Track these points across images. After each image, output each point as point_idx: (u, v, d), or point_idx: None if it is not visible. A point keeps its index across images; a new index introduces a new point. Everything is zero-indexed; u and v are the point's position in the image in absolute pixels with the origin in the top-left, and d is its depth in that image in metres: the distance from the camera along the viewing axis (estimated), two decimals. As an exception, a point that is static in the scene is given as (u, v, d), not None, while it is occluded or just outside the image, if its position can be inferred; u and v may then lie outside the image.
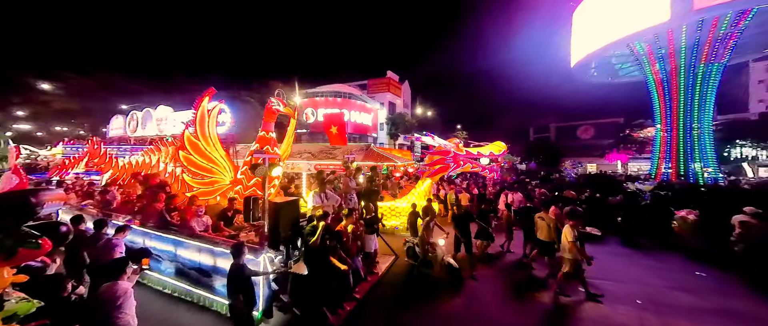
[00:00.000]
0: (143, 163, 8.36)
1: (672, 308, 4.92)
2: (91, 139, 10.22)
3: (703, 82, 23.69)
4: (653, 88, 26.14)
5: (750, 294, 5.40)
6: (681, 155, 24.50)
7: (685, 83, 24.29)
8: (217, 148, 5.94)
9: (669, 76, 24.86)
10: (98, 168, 9.95)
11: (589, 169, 39.33)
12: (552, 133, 50.95)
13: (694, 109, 24.08)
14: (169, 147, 8.44)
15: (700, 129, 24.48)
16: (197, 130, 5.64)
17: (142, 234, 6.04)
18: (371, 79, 41.72)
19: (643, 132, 40.38)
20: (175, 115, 26.27)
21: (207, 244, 5.11)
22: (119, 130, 30.43)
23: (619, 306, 4.96)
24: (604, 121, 44.40)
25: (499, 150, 8.46)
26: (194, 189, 5.98)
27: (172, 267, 5.63)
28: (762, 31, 24.31)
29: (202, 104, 5.57)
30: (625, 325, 4.50)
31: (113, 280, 3.15)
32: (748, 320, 4.65)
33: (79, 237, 4.80)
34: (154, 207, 5.82)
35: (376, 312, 4.84)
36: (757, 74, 35.84)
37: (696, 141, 24.54)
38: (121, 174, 8.61)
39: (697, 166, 24.25)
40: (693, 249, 7.35)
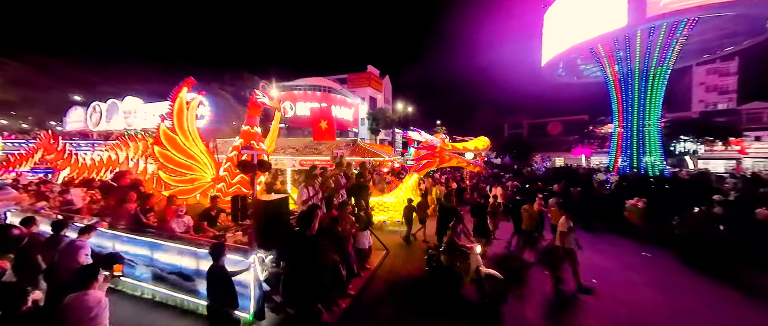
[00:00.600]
0: (109, 160, 7.59)
1: (619, 283, 5.78)
2: (44, 133, 9.09)
3: (654, 83, 26.06)
4: (612, 88, 28.25)
5: (681, 269, 6.48)
6: (635, 149, 26.94)
7: (639, 84, 26.53)
8: (197, 143, 5.50)
9: (625, 77, 27.03)
10: (53, 165, 8.90)
11: (558, 163, 41.77)
12: (525, 129, 53.33)
13: (646, 108, 26.45)
14: (138, 142, 7.74)
15: (650, 126, 26.97)
16: (174, 124, 5.18)
17: (112, 238, 5.51)
18: (351, 74, 40.93)
19: (603, 128, 43.47)
20: (146, 107, 24.18)
21: (189, 246, 4.75)
22: (78, 123, 27.43)
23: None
24: (571, 118, 47.19)
25: (483, 145, 8.67)
26: (172, 188, 5.52)
27: (148, 273, 5.19)
28: (703, 39, 27.33)
29: (179, 95, 5.10)
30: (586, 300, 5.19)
31: (82, 289, 2.82)
32: (677, 289, 5.62)
33: (31, 241, 4.40)
34: (125, 208, 5.31)
35: (371, 308, 4.79)
36: (698, 77, 39.86)
37: (647, 137, 27.08)
38: (83, 171, 7.75)
39: (648, 160, 26.78)
40: (641, 231, 8.40)
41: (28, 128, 32.70)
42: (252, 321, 4.27)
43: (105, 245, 5.62)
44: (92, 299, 2.78)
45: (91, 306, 2.73)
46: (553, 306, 4.98)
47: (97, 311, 2.74)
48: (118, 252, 5.42)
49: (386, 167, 10.43)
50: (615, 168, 27.40)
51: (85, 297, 2.77)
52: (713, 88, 39.59)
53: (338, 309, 4.47)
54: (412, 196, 8.86)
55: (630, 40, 24.49)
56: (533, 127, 53.35)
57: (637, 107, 26.32)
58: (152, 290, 5.14)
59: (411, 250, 7.13)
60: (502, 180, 15.74)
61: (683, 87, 40.66)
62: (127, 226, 5.36)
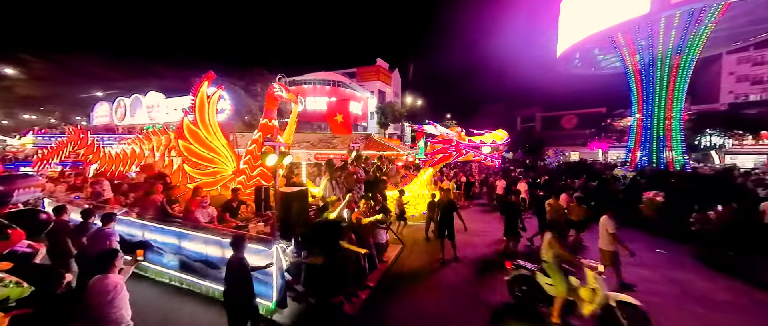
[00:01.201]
0: (133, 153, 7.86)
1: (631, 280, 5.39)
2: (74, 128, 9.50)
3: (677, 73, 24.63)
4: (631, 79, 26.95)
5: (698, 267, 6.14)
6: (654, 143, 25.74)
7: (661, 74, 25.17)
8: (219, 137, 5.61)
9: (646, 67, 25.71)
10: (83, 158, 9.31)
11: (573, 158, 40.59)
12: (538, 123, 52.02)
13: (668, 100, 25.10)
14: (161, 136, 7.97)
15: (671, 119, 25.66)
16: (197, 118, 5.28)
17: (141, 227, 5.73)
18: (360, 67, 40.63)
19: (622, 121, 41.79)
20: (167, 101, 24.88)
21: (214, 236, 4.89)
22: (104, 118, 28.56)
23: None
24: (587, 111, 45.64)
25: (501, 138, 8.47)
26: (196, 180, 5.67)
27: (176, 260, 5.38)
28: (734, 25, 25.52)
29: (201, 90, 5.19)
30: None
31: (103, 273, 2.98)
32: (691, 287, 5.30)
33: (61, 228, 4.60)
34: (152, 199, 5.50)
35: (389, 299, 4.82)
36: (728, 66, 37.52)
37: (668, 130, 25.81)
38: (110, 164, 8.07)
39: (669, 154, 25.61)
40: (657, 227, 8.14)
41: (55, 123, 34.28)
42: (274, 310, 4.37)
43: (135, 234, 5.87)
44: (111, 283, 2.92)
45: (109, 290, 2.87)
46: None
47: (113, 295, 2.88)
48: (146, 240, 5.67)
49: (401, 161, 10.38)
50: (632, 163, 26.40)
51: (106, 280, 2.92)
52: (745, 78, 37.20)
53: (358, 300, 4.52)
54: (428, 191, 8.81)
55: (652, 27, 23.22)
56: (547, 120, 51.92)
57: (660, 98, 25.11)
58: (179, 277, 5.34)
59: (427, 245, 7.11)
60: (512, 175, 15.44)
61: (711, 77, 38.42)
62: (155, 216, 5.56)
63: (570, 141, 45.63)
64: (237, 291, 3.54)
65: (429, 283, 5.39)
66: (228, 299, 3.54)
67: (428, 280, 5.49)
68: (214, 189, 5.98)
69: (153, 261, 5.64)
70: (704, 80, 38.44)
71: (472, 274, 5.72)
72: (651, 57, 24.81)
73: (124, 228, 6.02)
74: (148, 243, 5.59)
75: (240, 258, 3.57)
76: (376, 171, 6.64)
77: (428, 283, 5.39)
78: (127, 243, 5.98)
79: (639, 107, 27.08)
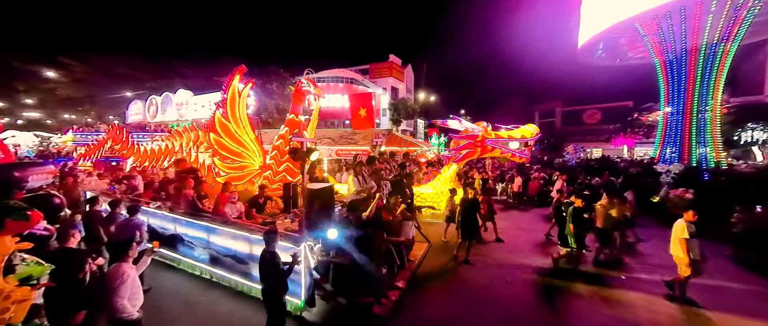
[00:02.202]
0: (167, 149, 8.00)
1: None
2: (112, 125, 9.85)
3: (715, 62, 22.44)
4: (659, 70, 24.83)
5: (733, 269, 5.74)
6: (686, 138, 23.74)
7: (695, 64, 23.03)
8: (247, 132, 5.52)
9: (679, 57, 23.59)
10: (120, 154, 9.65)
11: (596, 154, 38.46)
12: (557, 118, 49.61)
13: (704, 91, 22.96)
14: (190, 132, 8.05)
15: (707, 112, 23.49)
16: (228, 111, 5.19)
17: (173, 221, 5.77)
18: (373, 64, 39.96)
19: (651, 116, 39.04)
20: (196, 98, 25.62)
21: (242, 231, 4.80)
22: (138, 116, 29.84)
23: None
24: (612, 105, 42.94)
25: (531, 134, 7.93)
26: (223, 175, 5.62)
27: (206, 254, 5.37)
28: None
29: (232, 83, 5.09)
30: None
31: (118, 261, 3.07)
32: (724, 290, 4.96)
33: (94, 216, 4.88)
34: (184, 194, 5.50)
35: (420, 301, 4.55)
36: (774, 55, 33.96)
37: (706, 124, 23.67)
38: (145, 159, 8.28)
39: (707, 150, 23.51)
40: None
41: (91, 122, 36.25)
42: (303, 308, 4.22)
43: (167, 227, 5.93)
44: (119, 272, 2.97)
45: (116, 278, 2.93)
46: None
47: (119, 282, 2.92)
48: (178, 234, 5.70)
49: (424, 157, 10.03)
50: (656, 159, 24.53)
51: (117, 268, 3.00)
52: (793, 68, 33.59)
53: (388, 301, 4.28)
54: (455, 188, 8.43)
55: (686, 12, 21.08)
56: (567, 115, 49.36)
57: (698, 90, 22.97)
58: (210, 270, 5.32)
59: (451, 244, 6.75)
60: (528, 172, 14.59)
61: (755, 66, 34.95)
62: (186, 211, 5.57)
63: (593, 137, 43.23)
64: (267, 285, 3.44)
65: (459, 285, 5.08)
66: (264, 296, 3.48)
67: (458, 282, 5.18)
68: (241, 184, 5.92)
69: (185, 254, 5.67)
70: (747, 69, 35.06)
71: (502, 277, 5.34)
72: (684, 45, 22.70)
73: (157, 222, 6.13)
74: (175, 236, 5.64)
75: (271, 253, 3.44)
76: (401, 167, 6.33)
77: (459, 285, 5.08)
78: (159, 236, 6.11)
79: (666, 100, 25.00)
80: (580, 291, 4.88)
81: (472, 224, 5.66)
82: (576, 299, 4.68)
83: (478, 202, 5.86)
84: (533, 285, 5.10)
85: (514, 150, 8.11)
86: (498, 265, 5.77)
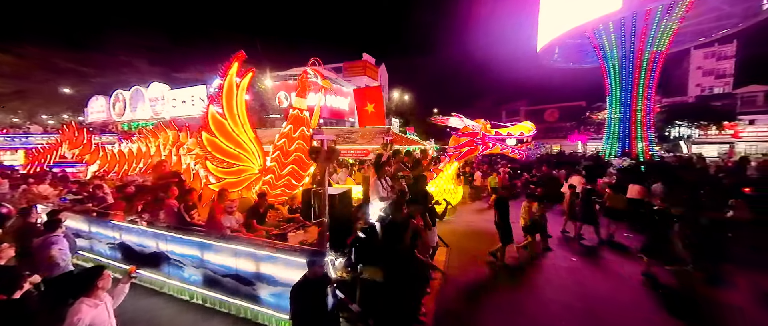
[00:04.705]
0: (139, 152, 6.64)
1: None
2: (67, 125, 8.08)
3: (648, 67, 24.93)
4: (611, 73, 27.00)
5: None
6: (628, 135, 26.29)
7: (632, 69, 25.42)
8: (247, 130, 4.55)
9: (621, 62, 25.90)
10: (79, 159, 7.96)
11: (555, 150, 40.85)
12: (522, 116, 51.97)
13: (639, 93, 25.46)
14: (168, 132, 6.77)
15: (641, 111, 26.11)
16: (224, 107, 4.20)
17: (155, 237, 4.66)
18: (346, 62, 38.63)
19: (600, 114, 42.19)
20: (174, 93, 22.47)
21: (247, 247, 3.91)
22: (101, 114, 25.54)
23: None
24: (568, 105, 45.84)
25: (529, 130, 7.73)
26: (216, 181, 4.62)
27: (199, 275, 4.37)
28: (700, 21, 25.99)
29: (229, 73, 4.10)
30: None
31: (84, 295, 2.26)
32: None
33: (28, 229, 3.91)
34: (167, 204, 4.43)
35: (456, 312, 3.98)
36: (696, 61, 38.25)
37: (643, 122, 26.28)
38: (113, 165, 6.82)
39: (641, 145, 26.14)
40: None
41: (18, 122, 30.16)
42: (327, 333, 3.48)
43: (147, 244, 4.80)
44: (72, 314, 2.16)
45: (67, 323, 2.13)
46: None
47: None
48: (162, 251, 4.62)
49: (428, 155, 9.50)
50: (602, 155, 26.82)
51: (73, 309, 2.19)
52: (710, 72, 38.08)
53: (426, 318, 3.64)
54: (454, 185, 8.00)
55: (625, 23, 23.33)
56: (530, 113, 51.81)
57: (632, 92, 25.45)
58: (204, 294, 4.34)
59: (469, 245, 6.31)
60: (498, 168, 14.99)
61: (681, 71, 39.16)
62: (170, 224, 4.51)
63: (553, 134, 45.89)
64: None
65: (490, 290, 4.62)
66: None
67: (491, 288, 4.70)
68: (237, 191, 4.94)
69: (171, 275, 4.60)
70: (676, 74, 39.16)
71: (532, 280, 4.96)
72: (623, 52, 24.98)
73: (133, 238, 4.96)
74: (158, 254, 4.57)
75: (320, 279, 2.55)
76: (414, 167, 5.71)
77: (490, 290, 4.62)
78: (137, 255, 4.96)
79: (612, 100, 27.53)
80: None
81: (508, 224, 5.18)
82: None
83: (506, 198, 5.41)
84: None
85: (512, 147, 7.88)
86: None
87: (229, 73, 4.06)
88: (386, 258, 3.25)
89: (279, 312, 3.76)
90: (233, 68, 4.08)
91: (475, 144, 7.87)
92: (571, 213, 6.67)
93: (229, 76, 4.07)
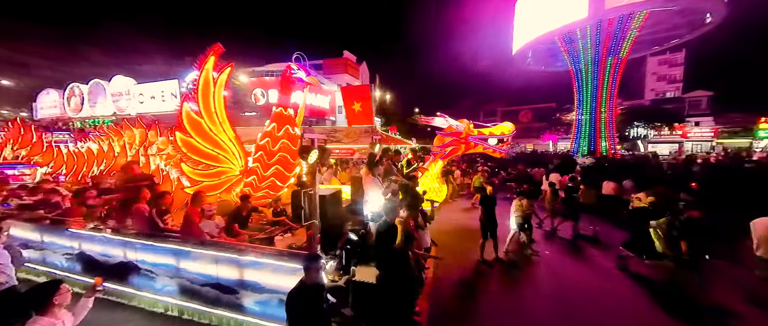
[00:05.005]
0: (100, 152, 6.01)
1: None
2: (13, 122, 7.12)
3: (609, 72, 27.19)
4: (583, 76, 28.94)
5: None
6: (592, 135, 28.53)
7: (595, 74, 27.60)
8: (226, 129, 4.22)
9: (586, 66, 28.03)
10: (27, 159, 7.07)
11: (529, 149, 42.97)
12: (499, 116, 53.98)
13: (602, 96, 27.69)
14: (134, 130, 6.20)
15: (604, 113, 28.43)
16: (200, 105, 3.87)
17: (122, 245, 4.23)
18: (327, 59, 37.86)
19: (569, 116, 44.86)
20: (141, 88, 20.50)
21: (228, 253, 3.65)
22: (53, 109, 22.75)
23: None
24: (540, 106, 48.29)
25: (509, 131, 7.98)
26: (192, 184, 4.28)
27: (174, 285, 4.03)
28: (656, 31, 28.75)
29: (205, 67, 3.77)
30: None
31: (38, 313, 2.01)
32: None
33: None
34: (137, 209, 4.03)
35: (450, 311, 3.98)
36: (651, 67, 41.87)
37: (607, 123, 28.57)
38: (71, 166, 6.10)
39: (605, 144, 28.45)
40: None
41: None
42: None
43: (112, 253, 4.34)
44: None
45: None
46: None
47: None
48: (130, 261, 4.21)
49: (411, 155, 9.49)
50: (570, 151, 28.82)
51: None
52: (663, 78, 41.84)
53: (420, 318, 3.61)
54: (439, 184, 8.07)
55: (591, 30, 25.38)
56: (506, 114, 53.94)
57: (597, 95, 27.64)
58: (180, 305, 4.00)
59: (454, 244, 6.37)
60: (476, 166, 15.61)
61: (639, 76, 42.60)
62: (141, 231, 4.11)
63: (527, 134, 48.08)
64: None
65: (486, 288, 4.67)
66: None
67: (483, 284, 4.76)
68: (216, 194, 4.61)
69: (141, 286, 4.20)
70: (634, 79, 42.54)
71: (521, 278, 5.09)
72: (589, 57, 27.08)
73: (96, 248, 4.47)
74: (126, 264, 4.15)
75: (314, 286, 2.36)
76: (406, 167, 5.66)
77: (485, 288, 4.67)
78: (101, 266, 4.47)
79: (578, 103, 29.79)
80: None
81: (493, 221, 5.33)
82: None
83: (495, 199, 5.55)
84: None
85: (494, 146, 8.09)
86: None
87: (205, 68, 3.74)
88: (380, 259, 3.17)
89: (265, 320, 3.56)
90: (209, 62, 3.77)
91: (459, 143, 8.00)
92: (552, 210, 6.98)
93: (205, 71, 3.75)
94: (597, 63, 26.99)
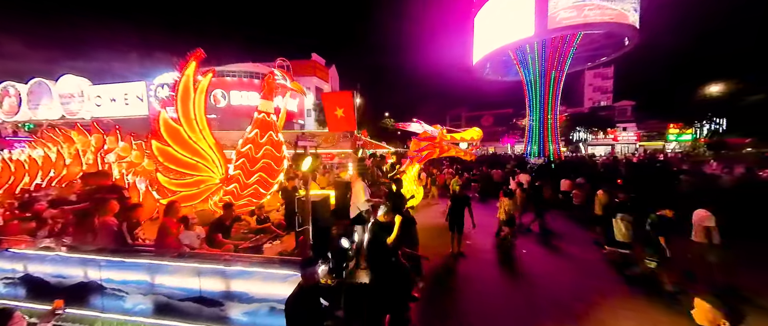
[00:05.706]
0: (46, 161, 5.25)
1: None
2: None
3: (553, 83, 31.01)
4: (531, 86, 32.30)
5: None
6: (542, 138, 32.13)
7: (543, 84, 31.32)
8: (206, 136, 4.01)
9: (535, 78, 31.66)
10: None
11: (490, 151, 46.09)
12: (463, 121, 57.14)
13: (549, 104, 31.31)
14: (89, 136, 5.55)
15: (550, 119, 32.30)
16: (179, 111, 3.64)
17: (82, 264, 3.79)
18: (294, 61, 36.66)
19: (523, 121, 49.08)
20: (99, 89, 17.78)
21: (212, 264, 3.50)
22: None
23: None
24: (500, 112, 52.23)
25: (479, 135, 8.64)
26: (169, 195, 4.00)
27: (148, 302, 3.72)
28: (591, 48, 33.38)
29: (185, 73, 3.58)
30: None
31: None
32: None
33: None
34: (104, 223, 3.66)
35: (439, 310, 4.20)
36: (588, 79, 47.82)
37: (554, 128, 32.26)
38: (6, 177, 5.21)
39: (552, 147, 32.14)
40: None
41: None
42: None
43: (70, 274, 3.86)
44: None
45: None
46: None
47: None
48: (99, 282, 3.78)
49: (391, 158, 9.71)
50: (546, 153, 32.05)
51: None
52: (597, 89, 48.00)
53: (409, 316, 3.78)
54: (416, 186, 8.41)
55: (538, 47, 29.09)
56: (470, 119, 57.45)
57: (544, 103, 31.16)
58: (156, 324, 3.71)
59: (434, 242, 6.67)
60: (442, 167, 16.65)
61: (579, 87, 48.31)
62: (105, 247, 3.73)
63: (489, 137, 51.58)
64: None
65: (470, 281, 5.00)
66: None
67: (467, 278, 5.09)
68: (193, 204, 4.36)
69: (107, 308, 3.79)
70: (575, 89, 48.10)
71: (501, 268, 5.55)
72: (537, 70, 30.77)
73: (48, 269, 3.93)
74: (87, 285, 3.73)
75: (309, 289, 2.35)
76: (391, 171, 5.83)
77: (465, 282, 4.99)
78: (54, 289, 3.94)
79: (529, 109, 33.49)
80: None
81: (460, 217, 5.75)
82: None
83: (468, 198, 6.00)
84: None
85: (465, 150, 8.70)
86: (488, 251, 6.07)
87: (186, 74, 3.56)
88: (372, 261, 3.30)
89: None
90: (190, 68, 3.59)
91: (434, 147, 8.44)
92: (522, 207, 7.73)
93: (186, 76, 3.56)
94: (543, 75, 30.41)
